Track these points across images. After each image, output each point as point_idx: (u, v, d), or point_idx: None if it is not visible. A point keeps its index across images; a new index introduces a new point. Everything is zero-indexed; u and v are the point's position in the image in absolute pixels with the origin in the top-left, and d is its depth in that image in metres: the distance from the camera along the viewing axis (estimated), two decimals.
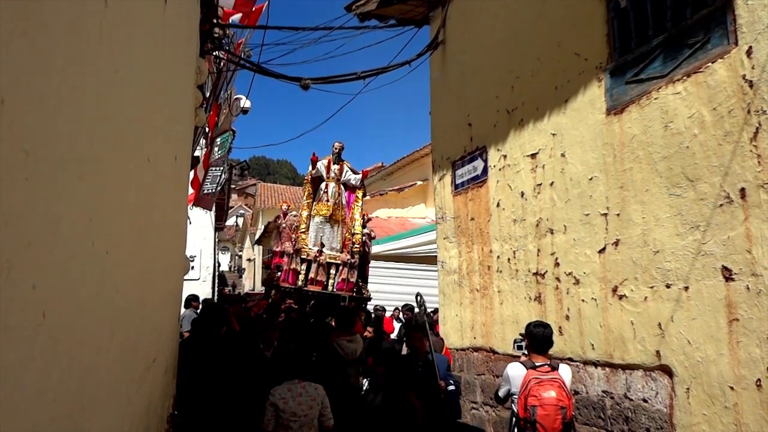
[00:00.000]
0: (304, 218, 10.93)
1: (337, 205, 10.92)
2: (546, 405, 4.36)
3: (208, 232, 21.81)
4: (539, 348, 4.69)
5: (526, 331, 4.85)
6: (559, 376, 4.54)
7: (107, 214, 1.95)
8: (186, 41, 4.83)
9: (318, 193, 11.02)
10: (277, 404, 4.63)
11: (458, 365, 7.87)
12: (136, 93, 2.40)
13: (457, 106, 8.32)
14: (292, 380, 4.83)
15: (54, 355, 1.41)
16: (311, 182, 11.15)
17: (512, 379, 4.74)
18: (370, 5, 9.11)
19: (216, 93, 8.99)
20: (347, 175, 11.15)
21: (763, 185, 3.90)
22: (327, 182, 10.99)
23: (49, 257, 1.34)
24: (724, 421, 4.13)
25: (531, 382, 4.48)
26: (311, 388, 4.84)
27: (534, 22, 6.69)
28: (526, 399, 4.46)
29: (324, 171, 10.99)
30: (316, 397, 4.81)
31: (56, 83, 1.33)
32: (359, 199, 11.37)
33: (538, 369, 4.56)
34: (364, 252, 11.12)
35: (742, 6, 4.12)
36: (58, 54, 1.33)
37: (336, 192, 10.95)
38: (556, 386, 4.44)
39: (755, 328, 3.94)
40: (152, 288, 3.43)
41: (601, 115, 5.49)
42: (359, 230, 10.99)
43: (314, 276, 10.40)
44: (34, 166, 1.19)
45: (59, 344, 1.45)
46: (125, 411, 2.54)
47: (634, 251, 5.04)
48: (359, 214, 11.21)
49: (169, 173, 4.03)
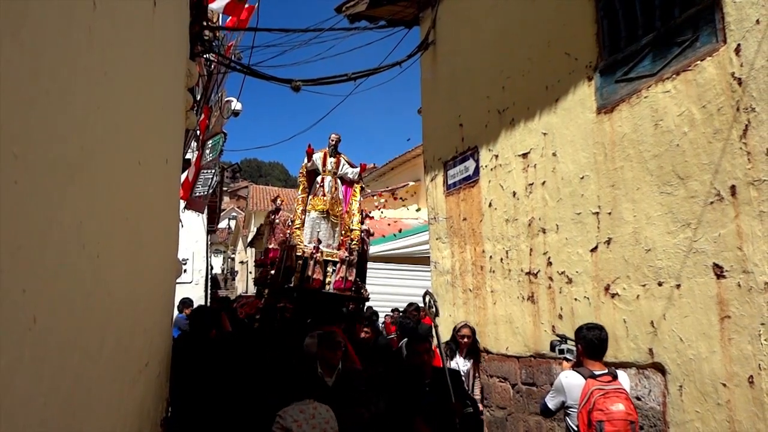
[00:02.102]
0: (298, 213, 10.61)
1: (334, 200, 10.61)
2: (615, 420, 3.86)
3: (200, 235, 21.74)
4: (595, 353, 4.23)
5: (577, 336, 4.35)
6: (623, 386, 4.11)
7: (98, 218, 1.94)
8: (176, 43, 4.81)
9: (314, 187, 10.69)
10: (290, 429, 4.11)
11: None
12: (125, 95, 2.39)
13: (448, 106, 8.33)
14: (303, 400, 4.32)
15: (45, 359, 1.40)
16: (306, 176, 10.82)
17: (568, 390, 4.20)
18: (360, 6, 9.10)
19: (207, 95, 8.98)
20: (344, 168, 10.85)
21: (753, 182, 3.92)
22: (323, 176, 10.68)
23: (39, 261, 1.33)
24: (716, 418, 4.15)
25: (595, 394, 3.98)
26: (323, 409, 4.36)
27: (524, 22, 6.71)
28: (589, 413, 3.94)
29: (320, 164, 10.67)
30: (330, 419, 4.33)
31: (45, 86, 1.32)
32: (357, 193, 11.06)
33: (599, 378, 4.08)
34: (362, 249, 10.80)
35: (730, 4, 4.14)
36: (46, 56, 1.32)
37: (332, 186, 10.65)
38: (622, 398, 3.98)
39: (747, 325, 3.95)
40: (144, 291, 3.42)
41: (591, 114, 5.50)
42: (357, 226, 10.69)
43: (311, 274, 10.06)
44: (23, 169, 1.18)
45: (50, 348, 1.44)
46: (117, 414, 2.53)
47: (625, 250, 5.05)
48: (357, 210, 10.90)
49: (160, 176, 4.02)
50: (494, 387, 6.88)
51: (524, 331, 6.35)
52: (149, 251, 3.57)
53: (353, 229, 10.66)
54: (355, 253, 10.43)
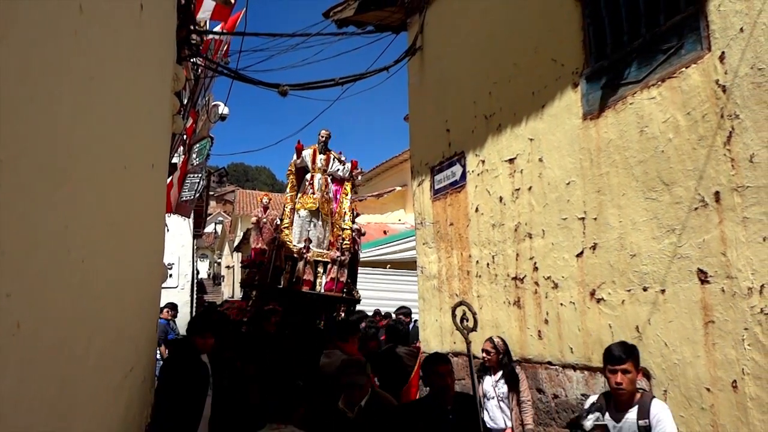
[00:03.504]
0: (287, 212, 10.33)
1: (324, 198, 10.35)
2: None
3: (186, 240, 21.68)
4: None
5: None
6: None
7: (84, 222, 1.93)
8: (163, 48, 4.80)
9: (303, 185, 10.43)
10: None
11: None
12: (112, 100, 2.39)
13: (435, 111, 8.34)
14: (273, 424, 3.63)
15: (30, 364, 1.39)
16: (295, 173, 10.55)
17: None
18: (347, 12, 9.11)
19: (194, 100, 8.96)
20: (334, 165, 10.62)
21: (737, 188, 3.96)
22: (313, 173, 10.44)
23: (24, 266, 1.32)
24: (701, 422, 4.17)
25: None
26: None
27: (511, 28, 6.74)
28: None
29: (309, 161, 10.44)
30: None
31: (31, 90, 1.32)
32: (348, 192, 10.79)
33: None
34: (354, 250, 10.53)
35: (715, 12, 4.18)
36: (33, 61, 1.32)
37: (322, 184, 10.41)
38: None
39: (730, 329, 3.99)
40: (130, 296, 3.41)
41: (577, 120, 5.54)
42: (349, 225, 10.44)
43: (301, 275, 9.79)
44: (9, 173, 1.18)
45: (35, 353, 1.44)
46: (103, 419, 2.51)
47: (611, 255, 5.08)
48: (348, 208, 10.63)
49: (147, 181, 4.01)
50: None
51: (510, 336, 6.36)
52: (135, 256, 3.55)
53: (344, 228, 10.42)
54: (347, 254, 10.20)
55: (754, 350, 3.82)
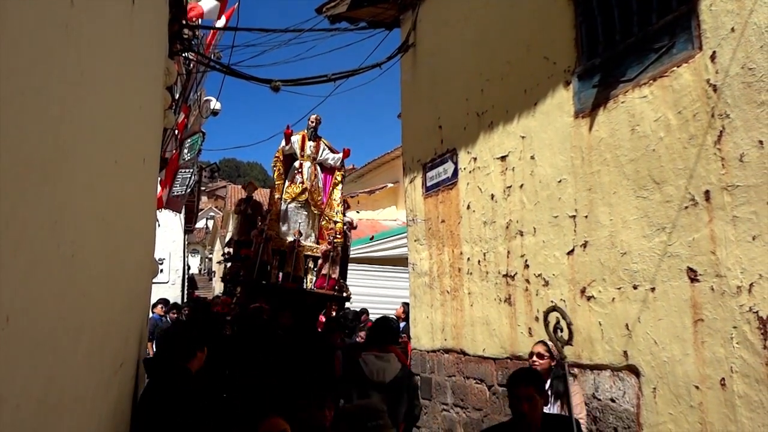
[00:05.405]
0: (274, 201, 9.72)
1: (314, 188, 9.80)
2: None
3: (177, 235, 21.65)
4: None
5: None
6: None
7: (73, 217, 1.92)
8: (155, 42, 4.78)
9: (291, 173, 9.87)
10: None
11: (429, 367, 7.89)
12: (102, 94, 2.37)
13: (427, 108, 8.35)
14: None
15: (17, 360, 1.39)
16: (283, 160, 9.96)
17: None
18: (340, 7, 9.10)
19: (185, 94, 8.92)
20: (324, 153, 10.05)
21: (727, 187, 3.98)
22: (301, 161, 9.86)
23: (12, 261, 1.31)
24: (689, 420, 4.20)
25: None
26: None
27: (503, 25, 6.74)
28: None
29: (298, 147, 9.85)
30: None
31: (21, 84, 1.31)
32: (338, 181, 10.20)
33: None
34: (344, 244, 9.97)
35: (707, 12, 4.20)
36: (22, 54, 1.31)
37: (312, 173, 9.86)
38: None
39: (719, 328, 4.01)
40: (120, 291, 3.39)
41: (569, 118, 5.55)
42: (340, 218, 9.90)
43: (290, 270, 9.24)
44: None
45: (23, 349, 1.43)
46: (91, 416, 2.50)
47: (601, 253, 5.10)
48: (339, 199, 10.07)
49: (137, 175, 3.99)
50: (470, 388, 6.90)
51: (501, 333, 6.38)
52: (125, 251, 3.54)
53: (335, 221, 9.94)
54: (338, 248, 9.72)
55: (742, 348, 3.84)
